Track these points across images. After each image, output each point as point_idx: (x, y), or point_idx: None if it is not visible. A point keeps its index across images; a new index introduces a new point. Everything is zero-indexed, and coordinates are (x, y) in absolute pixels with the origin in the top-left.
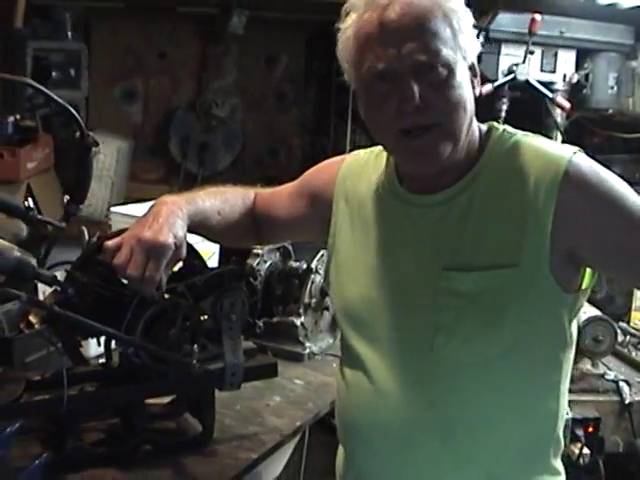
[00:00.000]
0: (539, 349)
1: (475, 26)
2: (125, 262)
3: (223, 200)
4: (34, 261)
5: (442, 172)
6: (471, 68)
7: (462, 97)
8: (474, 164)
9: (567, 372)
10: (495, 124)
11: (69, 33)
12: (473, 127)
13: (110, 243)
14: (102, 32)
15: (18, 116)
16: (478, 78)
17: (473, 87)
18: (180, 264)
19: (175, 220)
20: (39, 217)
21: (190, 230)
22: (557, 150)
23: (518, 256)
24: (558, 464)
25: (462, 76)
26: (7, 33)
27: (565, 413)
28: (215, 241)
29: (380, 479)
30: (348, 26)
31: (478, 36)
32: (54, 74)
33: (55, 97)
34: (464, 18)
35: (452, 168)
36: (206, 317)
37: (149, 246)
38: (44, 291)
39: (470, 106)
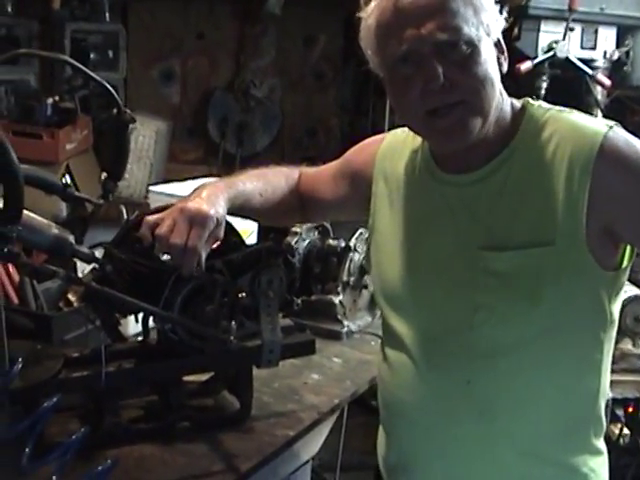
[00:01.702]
0: (578, 328)
1: (499, 2)
2: (168, 232)
3: (265, 182)
4: (72, 238)
5: (472, 149)
6: (496, 44)
7: (488, 73)
8: (508, 141)
9: (609, 351)
10: (530, 100)
11: (107, 15)
12: (503, 103)
13: (150, 217)
14: (140, 13)
15: (57, 97)
16: (505, 54)
17: (500, 64)
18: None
19: (217, 199)
20: (77, 194)
21: (232, 212)
22: (593, 125)
23: (554, 234)
24: (600, 444)
25: (487, 52)
26: (45, 15)
27: (607, 393)
28: (258, 220)
29: (421, 457)
30: (369, 15)
31: (501, 12)
32: (92, 56)
33: (91, 73)
34: None
35: (482, 145)
36: (244, 294)
37: (192, 215)
38: (83, 270)
39: (497, 82)
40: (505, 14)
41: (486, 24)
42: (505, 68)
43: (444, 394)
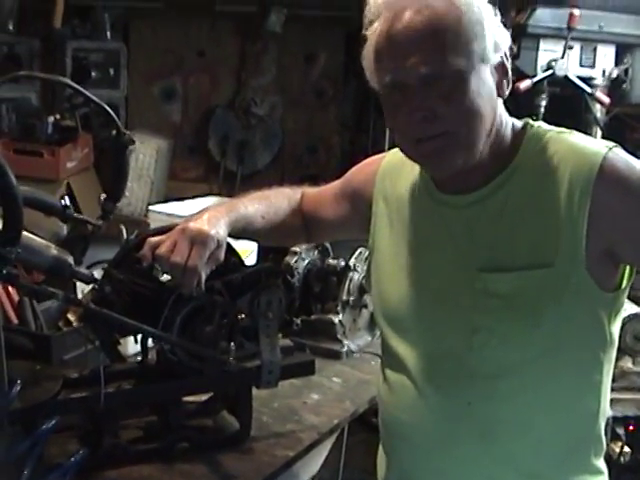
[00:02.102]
0: (578, 349)
1: (504, 23)
2: (168, 251)
3: (267, 204)
4: (71, 259)
5: (470, 171)
6: (497, 68)
7: (475, 104)
8: (508, 162)
9: (608, 371)
10: (530, 121)
11: (108, 33)
12: (500, 127)
13: (152, 239)
14: (141, 31)
15: (58, 116)
16: (508, 77)
17: (500, 88)
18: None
19: (218, 222)
20: (75, 215)
21: (234, 236)
22: (592, 146)
23: (553, 256)
24: (600, 463)
25: (478, 82)
26: (47, 33)
27: (607, 412)
28: (263, 242)
29: (421, 478)
30: (371, 34)
31: (510, 29)
32: (94, 74)
33: (90, 95)
34: (484, 17)
35: (481, 167)
36: (243, 315)
37: (193, 234)
38: (83, 289)
39: (490, 111)
40: (509, 34)
41: (480, 51)
42: (507, 91)
43: (444, 415)
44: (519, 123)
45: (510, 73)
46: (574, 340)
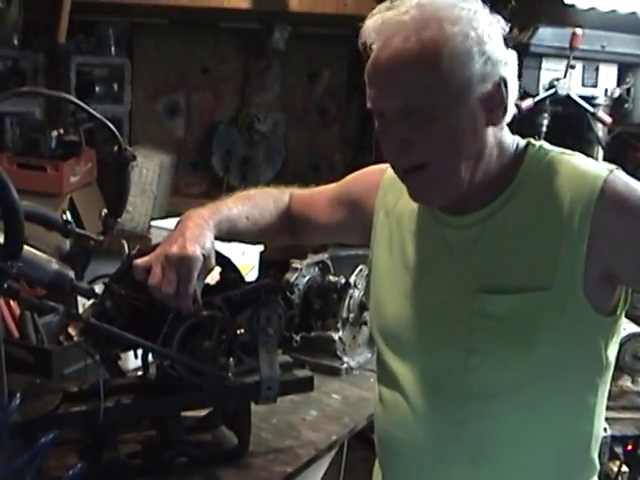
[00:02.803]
0: (573, 372)
1: (506, 40)
2: (158, 282)
3: (252, 205)
4: (72, 274)
5: (467, 195)
6: (487, 97)
7: (452, 138)
8: (508, 183)
9: (603, 394)
10: (532, 141)
11: (112, 48)
12: (493, 154)
13: (139, 262)
14: (145, 47)
15: (62, 130)
16: (504, 103)
17: (491, 117)
18: (217, 277)
19: (201, 232)
20: (77, 230)
21: (220, 238)
22: (593, 168)
23: (551, 279)
24: None
25: (458, 116)
26: (51, 48)
27: (601, 435)
28: (249, 242)
29: None
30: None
31: (517, 51)
32: (97, 89)
33: (92, 111)
34: (475, 45)
35: (478, 191)
36: (242, 331)
37: (177, 260)
38: (84, 304)
39: (471, 143)
40: (511, 51)
41: (464, 81)
42: (502, 118)
43: (437, 434)
44: (522, 142)
45: (506, 99)
46: (569, 364)
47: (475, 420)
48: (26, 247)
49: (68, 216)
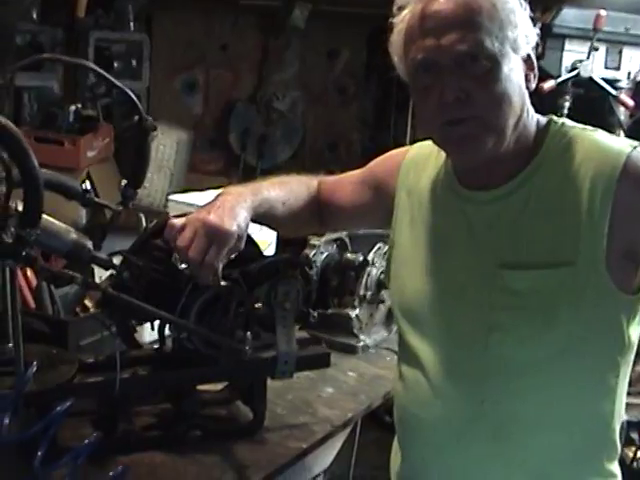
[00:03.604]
0: (595, 351)
1: (532, 19)
2: (187, 244)
3: (288, 190)
4: (90, 244)
5: (493, 165)
6: (526, 61)
7: (507, 91)
8: (530, 159)
9: (625, 375)
10: (554, 117)
11: (131, 24)
12: (527, 120)
13: (174, 222)
14: (164, 23)
15: (80, 105)
16: (535, 71)
17: (528, 80)
18: None
19: (240, 211)
20: (96, 200)
21: (254, 220)
22: (616, 144)
23: (574, 255)
24: (614, 467)
25: (510, 69)
26: (70, 23)
27: (622, 416)
28: (278, 230)
29: (432, 474)
30: (400, 21)
31: (537, 27)
32: (116, 64)
33: (114, 80)
34: (516, 9)
35: (504, 162)
36: (260, 305)
37: (213, 231)
38: (100, 276)
39: (519, 100)
40: (538, 30)
41: (513, 39)
42: (533, 85)
43: (458, 412)
44: (543, 119)
45: (536, 68)
46: (591, 342)
47: (496, 398)
48: (45, 216)
49: (87, 185)
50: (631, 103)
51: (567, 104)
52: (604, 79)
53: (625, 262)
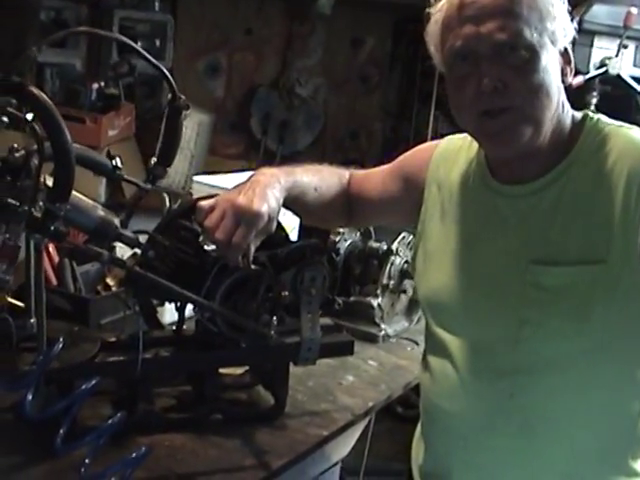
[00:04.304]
0: (625, 348)
1: (570, 13)
2: (216, 225)
3: (320, 177)
4: (117, 221)
5: (527, 159)
6: (563, 54)
7: (545, 82)
8: (565, 154)
9: None
10: (590, 113)
11: (156, 4)
12: (562, 115)
13: (204, 203)
14: (189, 5)
15: (102, 83)
16: (571, 65)
17: (564, 74)
18: None
19: (272, 192)
20: (125, 176)
21: (285, 204)
22: None
23: (607, 252)
24: (637, 465)
25: (548, 61)
26: (95, 1)
27: None
28: (306, 218)
29: (457, 466)
30: (437, 10)
31: (575, 22)
32: (139, 44)
33: (149, 57)
34: (555, 2)
35: (538, 156)
36: (286, 292)
37: (242, 212)
38: (122, 255)
39: (556, 92)
40: (575, 24)
41: (551, 31)
42: (569, 80)
43: (485, 406)
44: (578, 114)
45: (573, 62)
46: (621, 338)
47: (525, 393)
48: (73, 192)
49: (118, 162)
50: None
51: (594, 101)
52: (632, 77)
53: None
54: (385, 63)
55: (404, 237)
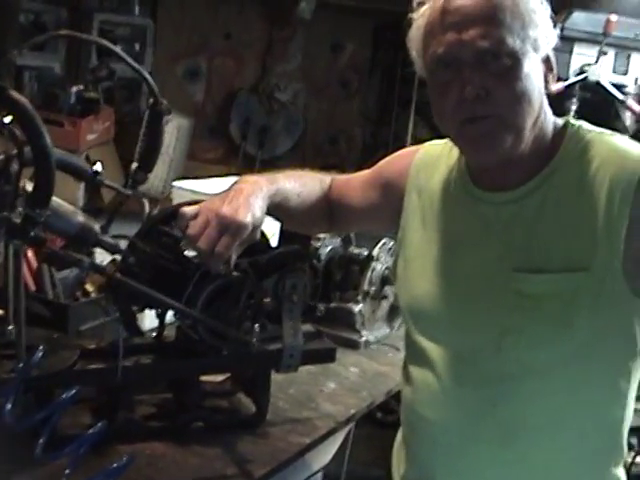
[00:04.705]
0: (607, 356)
1: (552, 20)
2: (199, 233)
3: (302, 183)
4: (97, 227)
5: (509, 166)
6: (545, 61)
7: (527, 89)
8: (548, 161)
9: (635, 380)
10: (571, 120)
11: (136, 8)
12: (544, 122)
13: (187, 210)
14: (169, 9)
15: (81, 87)
16: (553, 72)
17: (546, 81)
18: None
19: (255, 200)
20: (106, 182)
21: (268, 211)
22: (635, 149)
23: (590, 260)
24: (619, 472)
25: (530, 68)
26: (75, 4)
27: (629, 421)
28: (288, 224)
29: (442, 474)
30: (420, 16)
31: (557, 29)
32: (119, 48)
33: (131, 61)
34: (538, 8)
35: (520, 163)
36: (269, 299)
37: (226, 223)
38: (101, 261)
39: (538, 99)
40: (558, 31)
41: (534, 39)
42: (552, 86)
43: (468, 414)
44: (560, 121)
45: (555, 69)
46: (604, 346)
47: (508, 401)
48: (53, 197)
49: (99, 167)
50: (638, 108)
51: (574, 107)
52: (611, 84)
53: None
54: (365, 68)
55: (385, 243)
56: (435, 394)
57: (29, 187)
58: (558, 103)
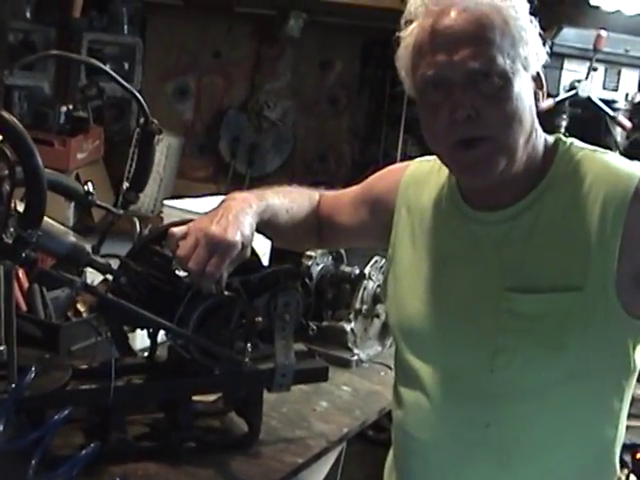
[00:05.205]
0: (601, 375)
1: (542, 37)
2: (189, 254)
3: (291, 199)
4: (89, 247)
5: (501, 187)
6: (535, 79)
7: (518, 109)
8: (539, 180)
9: (628, 399)
10: (562, 137)
11: (125, 27)
12: (536, 140)
13: (176, 230)
14: (158, 28)
15: (70, 106)
16: (544, 90)
17: (537, 99)
18: None
19: (244, 218)
20: (98, 202)
21: (257, 228)
22: (627, 167)
23: (583, 279)
24: None
25: (521, 87)
26: (64, 23)
27: (622, 440)
28: (277, 240)
29: None
30: (408, 35)
31: (547, 46)
32: (108, 67)
33: (122, 82)
34: (527, 26)
35: (512, 182)
36: (260, 317)
37: (215, 242)
38: (92, 280)
39: (529, 118)
40: (548, 49)
41: (524, 57)
42: (542, 104)
43: (461, 437)
44: (550, 138)
45: (545, 86)
46: (598, 366)
47: (501, 422)
48: (44, 217)
49: (90, 187)
50: (628, 124)
51: (564, 124)
52: (602, 100)
53: (635, 286)
54: (354, 86)
55: (376, 261)
56: (426, 414)
57: (20, 207)
58: (548, 120)
